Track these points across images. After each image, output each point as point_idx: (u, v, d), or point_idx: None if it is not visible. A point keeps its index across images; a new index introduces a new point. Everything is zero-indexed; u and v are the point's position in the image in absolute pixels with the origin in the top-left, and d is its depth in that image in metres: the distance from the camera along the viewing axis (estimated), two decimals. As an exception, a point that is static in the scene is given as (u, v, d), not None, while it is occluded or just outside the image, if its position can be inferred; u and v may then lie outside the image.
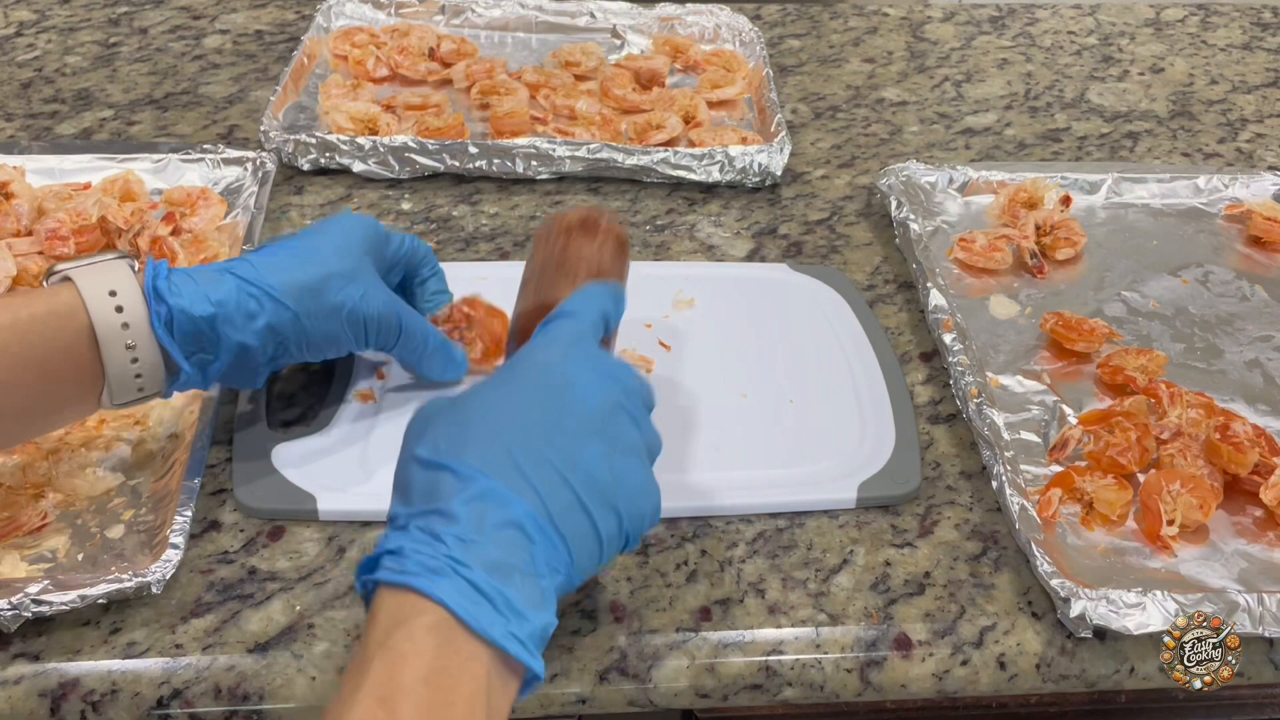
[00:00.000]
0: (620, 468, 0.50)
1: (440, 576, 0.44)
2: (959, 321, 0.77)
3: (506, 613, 0.44)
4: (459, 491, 0.46)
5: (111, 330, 0.56)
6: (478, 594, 0.44)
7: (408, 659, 0.42)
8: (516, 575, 0.45)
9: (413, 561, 0.44)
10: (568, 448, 0.49)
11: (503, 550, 0.45)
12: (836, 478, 0.68)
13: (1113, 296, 0.84)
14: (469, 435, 0.48)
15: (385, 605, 0.44)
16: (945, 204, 0.93)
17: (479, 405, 0.50)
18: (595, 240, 0.63)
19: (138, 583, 0.57)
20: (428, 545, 0.45)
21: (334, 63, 1.09)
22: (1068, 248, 0.87)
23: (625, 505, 0.50)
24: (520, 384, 0.51)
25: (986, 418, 0.69)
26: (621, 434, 0.51)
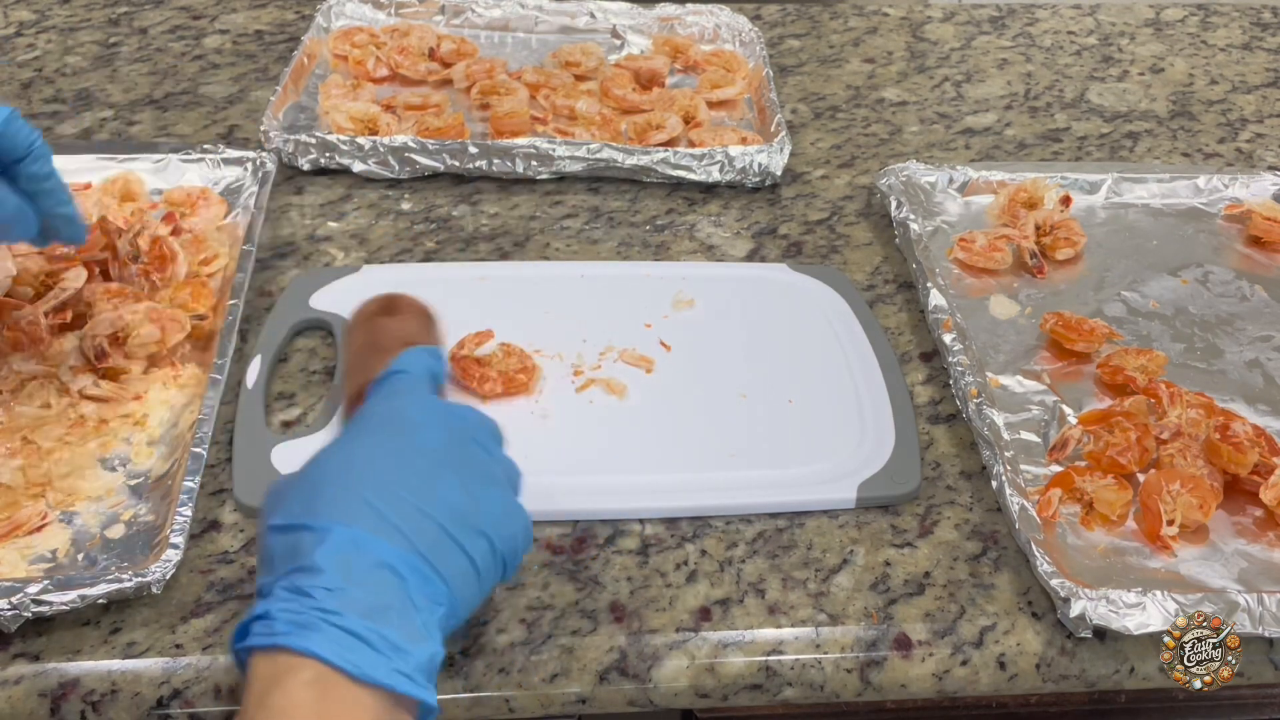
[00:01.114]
0: (479, 495, 0.50)
1: (310, 630, 0.43)
2: (959, 321, 0.77)
3: (387, 651, 0.43)
4: (319, 544, 0.45)
5: None
6: (353, 639, 0.43)
7: (287, 713, 0.41)
8: (393, 614, 0.45)
9: (281, 621, 0.43)
10: (422, 485, 0.48)
11: (374, 592, 0.45)
12: (836, 478, 0.68)
13: (1113, 296, 0.84)
14: (321, 492, 0.47)
15: (259, 669, 0.43)
16: (945, 204, 0.93)
17: (327, 464, 0.49)
18: (400, 317, 0.63)
19: (138, 583, 0.57)
20: (294, 603, 0.44)
21: (334, 63, 1.09)
22: (1068, 248, 0.87)
23: (492, 529, 0.49)
24: (365, 436, 0.51)
25: (986, 418, 0.69)
26: (473, 462, 0.51)
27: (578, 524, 0.65)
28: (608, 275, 0.83)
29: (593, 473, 0.67)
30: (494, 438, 0.54)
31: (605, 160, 0.93)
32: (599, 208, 0.92)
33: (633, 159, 0.93)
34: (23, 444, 0.66)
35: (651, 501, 0.66)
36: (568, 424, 0.70)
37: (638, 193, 0.94)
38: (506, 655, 0.58)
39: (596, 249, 0.87)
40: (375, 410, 0.53)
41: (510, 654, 0.58)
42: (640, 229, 0.90)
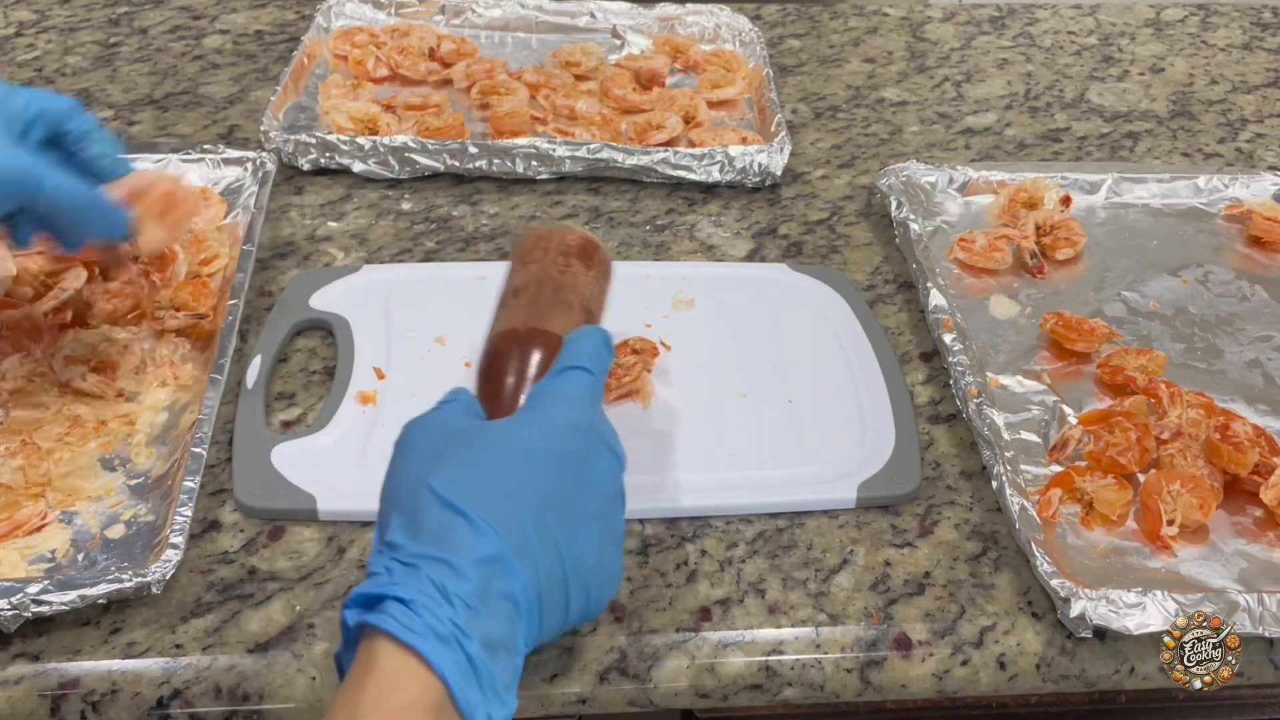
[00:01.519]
0: (606, 555, 0.50)
1: (446, 647, 0.43)
2: (959, 321, 0.77)
3: (489, 694, 0.44)
4: (473, 548, 0.45)
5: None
6: (471, 670, 0.43)
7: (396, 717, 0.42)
8: (502, 652, 0.45)
9: (421, 621, 0.43)
10: (572, 526, 0.48)
11: (498, 624, 0.45)
12: (836, 478, 0.68)
13: (1113, 296, 0.84)
14: (489, 486, 0.47)
15: (387, 661, 0.43)
16: (945, 204, 0.93)
17: (501, 453, 0.48)
18: (592, 271, 0.61)
19: (138, 583, 0.57)
20: (436, 605, 0.43)
21: (334, 63, 1.09)
22: (1068, 248, 0.87)
23: (597, 590, 0.50)
24: (545, 444, 0.50)
25: (986, 418, 0.69)
26: (615, 521, 0.51)
27: (578, 524, 0.65)
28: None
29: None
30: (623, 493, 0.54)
31: (605, 160, 0.93)
32: (599, 208, 0.92)
33: (633, 159, 0.93)
34: (22, 444, 0.66)
35: (651, 502, 0.66)
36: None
37: (638, 193, 0.94)
38: (506, 655, 0.58)
39: (596, 249, 0.87)
40: (561, 417, 0.51)
41: (510, 654, 0.58)
42: (640, 229, 0.90)
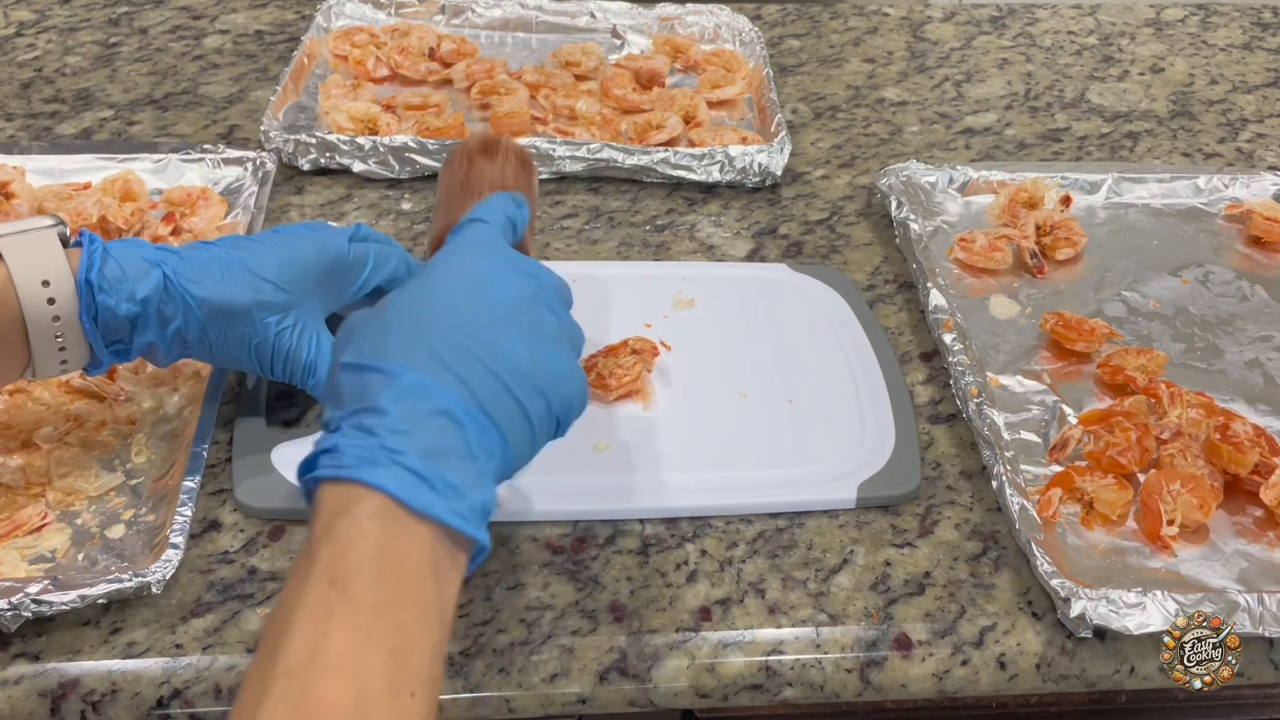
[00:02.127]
0: (542, 354, 0.51)
1: (377, 466, 0.44)
2: (959, 321, 0.77)
3: (445, 492, 0.45)
4: (387, 388, 0.47)
5: (43, 323, 0.56)
6: (415, 477, 0.45)
7: (354, 543, 0.43)
8: (452, 458, 0.46)
9: (348, 455, 0.45)
10: (488, 339, 0.50)
11: (435, 437, 0.46)
12: (836, 478, 0.68)
13: (1113, 296, 0.84)
14: (391, 337, 0.49)
15: (327, 499, 0.45)
16: (945, 204, 0.93)
17: (399, 309, 0.51)
18: (496, 160, 0.65)
19: (138, 583, 0.57)
20: (361, 439, 0.45)
21: (334, 63, 1.09)
22: (1068, 248, 0.87)
23: (551, 389, 0.51)
24: (437, 286, 0.52)
25: (986, 418, 0.69)
26: (540, 323, 0.52)
27: (578, 524, 0.65)
28: (608, 275, 0.83)
29: (592, 473, 0.67)
30: (562, 299, 0.55)
31: (605, 160, 0.93)
32: (599, 208, 0.92)
33: (633, 159, 0.93)
34: (22, 444, 0.66)
35: (651, 501, 0.66)
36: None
37: (638, 193, 0.94)
38: (506, 655, 0.58)
39: (596, 249, 0.87)
40: (448, 260, 0.54)
41: (510, 654, 0.58)
42: (640, 229, 0.90)
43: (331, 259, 0.63)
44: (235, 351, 0.62)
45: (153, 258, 0.59)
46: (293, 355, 0.63)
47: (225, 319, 0.60)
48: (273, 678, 0.39)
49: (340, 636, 0.40)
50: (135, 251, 0.59)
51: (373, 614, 0.41)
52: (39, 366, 0.58)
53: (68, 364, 0.59)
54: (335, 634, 0.40)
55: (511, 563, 0.62)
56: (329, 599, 0.41)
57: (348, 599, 0.41)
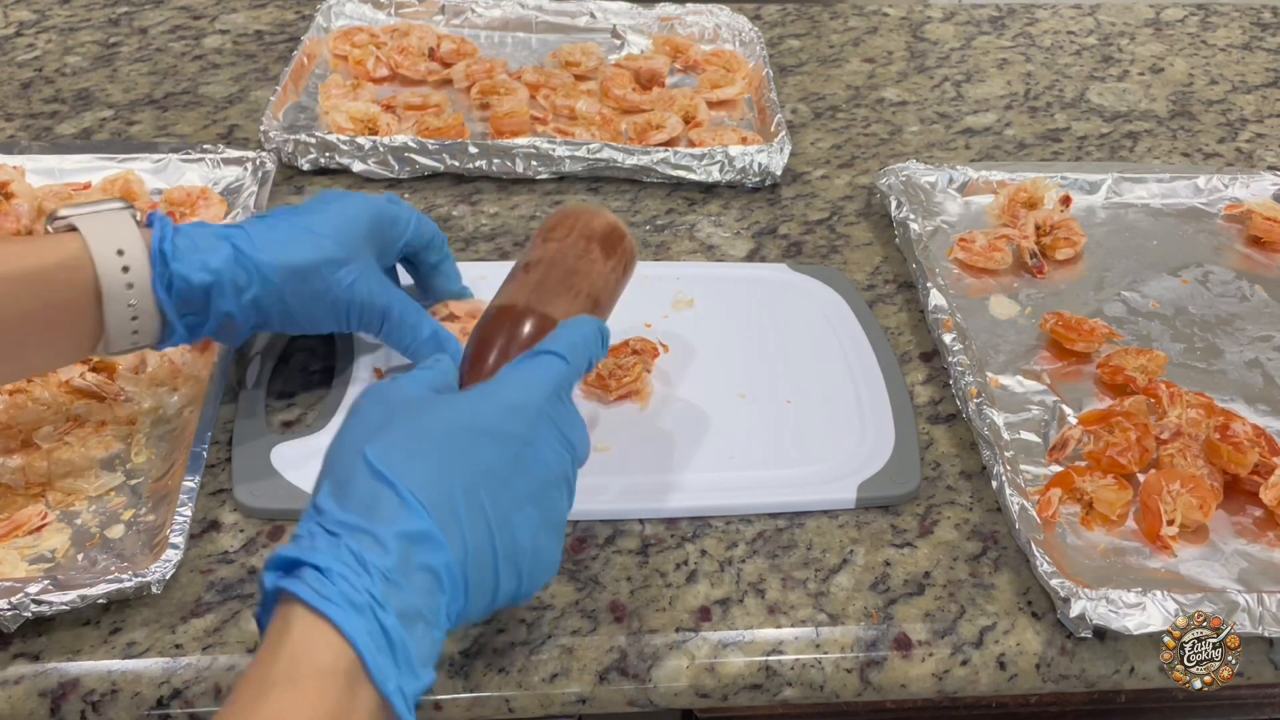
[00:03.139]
0: (542, 541, 0.50)
1: (360, 615, 0.43)
2: (959, 321, 0.77)
3: (403, 666, 0.44)
4: (398, 520, 0.45)
5: (117, 290, 0.58)
6: (386, 640, 0.43)
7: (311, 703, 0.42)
8: (420, 625, 0.45)
9: (336, 589, 0.43)
10: (507, 506, 0.49)
11: (417, 597, 0.45)
12: (836, 478, 0.68)
13: (1112, 296, 0.84)
14: (423, 459, 0.48)
15: (300, 627, 0.43)
16: (945, 204, 0.93)
17: (441, 427, 0.49)
18: (610, 261, 0.61)
19: (138, 583, 0.57)
20: (354, 574, 0.44)
21: (334, 63, 1.09)
22: (1067, 248, 0.87)
23: (529, 575, 0.50)
24: (487, 422, 0.50)
25: (986, 418, 0.69)
26: (555, 507, 0.51)
27: (578, 524, 0.65)
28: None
29: (592, 473, 0.67)
30: (576, 472, 0.54)
31: (605, 160, 0.93)
32: (599, 208, 0.92)
33: (633, 159, 0.93)
34: (22, 444, 0.66)
35: (651, 502, 0.66)
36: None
37: (638, 193, 0.94)
38: (506, 655, 0.58)
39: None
40: (510, 398, 0.51)
41: (510, 654, 0.58)
42: (640, 229, 0.90)
43: (376, 213, 0.67)
44: (315, 310, 0.64)
45: (220, 232, 0.62)
46: (367, 304, 0.65)
47: (298, 279, 0.62)
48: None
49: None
50: (204, 229, 0.62)
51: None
52: (112, 337, 0.59)
53: (139, 335, 0.60)
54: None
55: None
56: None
57: None
